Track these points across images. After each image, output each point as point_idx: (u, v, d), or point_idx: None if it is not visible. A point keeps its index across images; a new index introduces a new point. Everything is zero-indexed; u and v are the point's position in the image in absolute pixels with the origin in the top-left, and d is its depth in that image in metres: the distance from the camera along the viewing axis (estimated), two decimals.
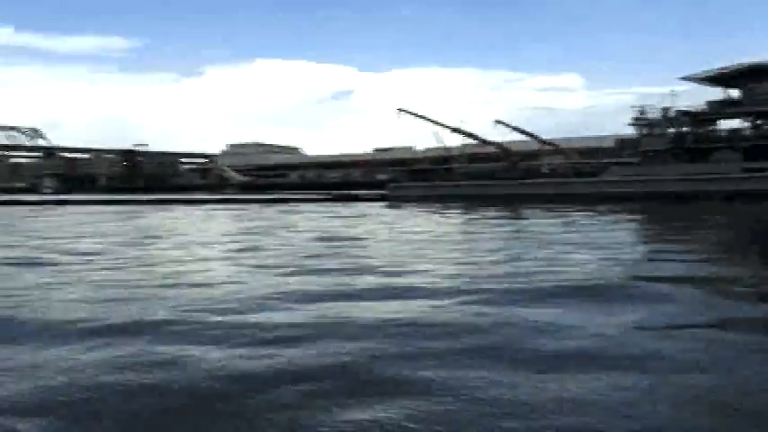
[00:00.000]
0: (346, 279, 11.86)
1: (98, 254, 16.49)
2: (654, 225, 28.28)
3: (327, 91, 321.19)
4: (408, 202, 53.83)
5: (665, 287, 10.55)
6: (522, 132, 67.71)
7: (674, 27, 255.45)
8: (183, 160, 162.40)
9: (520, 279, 11.50)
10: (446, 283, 11.12)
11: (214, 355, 6.58)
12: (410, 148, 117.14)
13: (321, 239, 20.72)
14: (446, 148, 69.13)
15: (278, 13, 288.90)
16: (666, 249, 16.56)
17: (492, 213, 33.81)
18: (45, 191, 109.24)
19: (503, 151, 66.51)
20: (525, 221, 28.59)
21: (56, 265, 14.48)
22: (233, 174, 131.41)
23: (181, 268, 13.73)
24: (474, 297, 9.67)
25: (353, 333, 7.48)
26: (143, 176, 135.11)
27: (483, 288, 10.45)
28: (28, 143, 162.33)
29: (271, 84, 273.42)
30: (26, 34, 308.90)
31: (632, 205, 40.66)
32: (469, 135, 67.06)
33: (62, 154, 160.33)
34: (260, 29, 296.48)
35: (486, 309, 8.83)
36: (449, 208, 40.38)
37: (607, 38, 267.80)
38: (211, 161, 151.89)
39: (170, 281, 11.75)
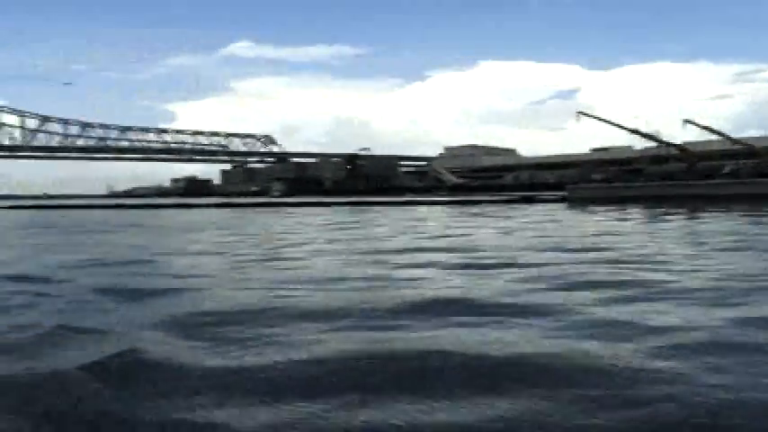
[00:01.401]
0: None
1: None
2: None
3: (551, 91, 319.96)
4: (591, 203, 54.90)
5: None
6: (713, 132, 66.80)
7: None
8: (402, 163, 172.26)
9: None
10: None
11: None
12: (629, 146, 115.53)
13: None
14: (666, 145, 68.94)
15: (501, 13, 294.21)
16: None
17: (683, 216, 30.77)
18: (273, 194, 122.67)
19: (681, 152, 65.92)
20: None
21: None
22: (449, 176, 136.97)
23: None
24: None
25: None
26: (364, 179, 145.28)
27: None
28: (262, 149, 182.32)
29: (493, 86, 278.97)
30: (263, 47, 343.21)
31: None
32: (649, 136, 66.91)
33: (293, 159, 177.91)
34: (484, 31, 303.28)
35: None
36: (630, 210, 37.25)
37: None
38: (429, 164, 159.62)
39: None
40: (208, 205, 67.62)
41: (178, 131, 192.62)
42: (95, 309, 7.95)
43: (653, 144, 68.78)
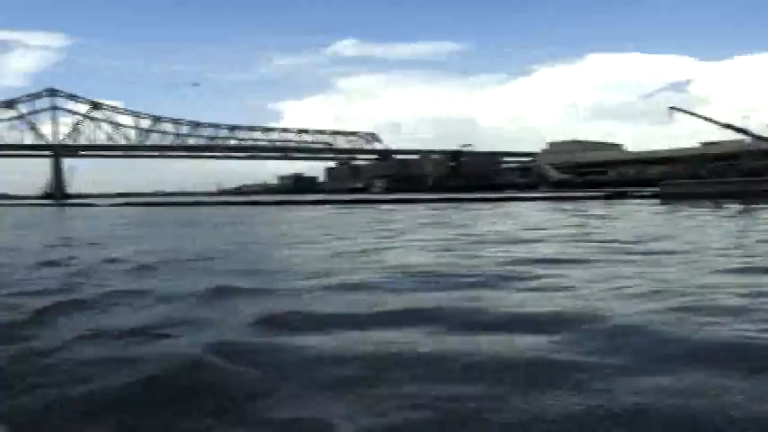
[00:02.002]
0: None
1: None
2: None
3: (661, 82, 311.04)
4: (685, 199, 54.53)
5: None
6: None
7: None
8: (505, 159, 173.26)
9: None
10: None
11: None
12: (741, 140, 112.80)
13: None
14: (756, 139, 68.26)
15: (609, 5, 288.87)
16: None
17: None
18: (375, 190, 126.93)
19: None
20: None
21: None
22: (553, 172, 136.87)
23: None
24: None
25: None
26: (466, 176, 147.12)
27: None
28: (366, 147, 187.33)
29: (601, 79, 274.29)
30: (368, 45, 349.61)
31: None
32: (743, 131, 65.96)
33: (396, 156, 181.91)
34: (591, 23, 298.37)
35: None
36: (722, 208, 34.80)
37: None
38: (533, 160, 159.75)
39: None
40: (312, 202, 71.56)
41: (284, 130, 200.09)
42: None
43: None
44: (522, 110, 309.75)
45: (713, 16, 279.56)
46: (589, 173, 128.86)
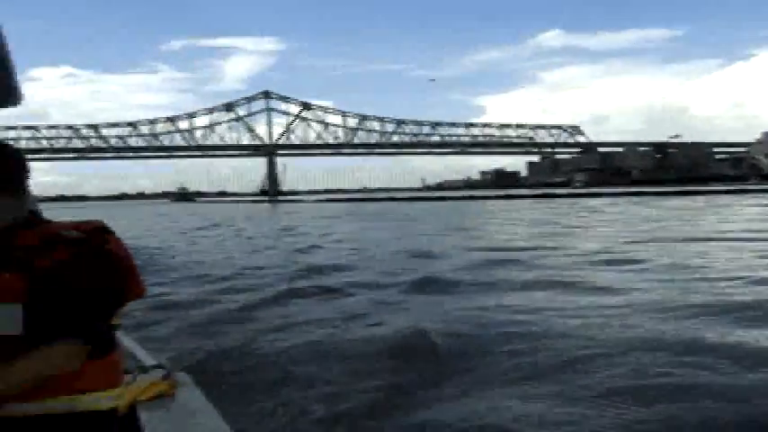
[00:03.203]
0: None
1: None
2: None
3: None
4: None
5: None
6: None
7: None
8: (715, 150, 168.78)
9: None
10: None
11: None
12: None
13: None
14: None
15: None
16: None
17: None
18: (576, 185, 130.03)
19: None
20: None
21: None
22: (766, 162, 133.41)
23: None
24: None
25: None
26: (673, 168, 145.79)
27: None
28: (568, 140, 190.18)
29: None
30: (573, 36, 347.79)
31: None
32: None
33: (599, 149, 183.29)
34: None
35: None
36: None
37: None
38: (747, 151, 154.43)
39: None
40: (508, 196, 77.36)
41: (485, 125, 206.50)
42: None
43: None
44: (742, 96, 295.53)
45: None
46: None
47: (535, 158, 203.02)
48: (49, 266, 1.70)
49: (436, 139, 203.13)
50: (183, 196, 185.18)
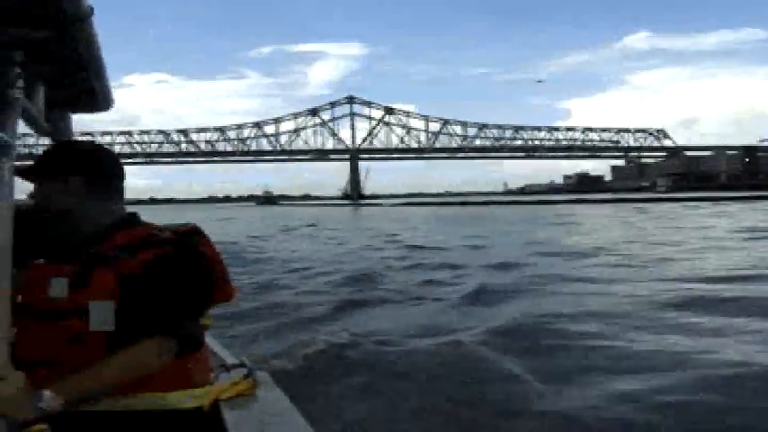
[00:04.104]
0: None
1: None
2: None
3: None
4: None
5: None
6: None
7: None
8: None
9: None
10: None
11: None
12: None
13: None
14: None
15: None
16: None
17: None
18: (658, 189, 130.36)
19: None
20: None
21: None
22: None
23: None
24: None
25: None
26: (763, 174, 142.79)
27: None
28: (654, 144, 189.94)
29: None
30: (662, 38, 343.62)
31: None
32: None
33: (686, 153, 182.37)
34: None
35: None
36: None
37: None
38: None
39: None
40: (587, 201, 78.07)
41: (569, 129, 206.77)
42: None
43: None
44: None
45: None
46: None
47: (620, 162, 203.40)
48: (141, 266, 1.82)
49: (519, 142, 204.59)
50: (268, 200, 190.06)
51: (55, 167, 1.96)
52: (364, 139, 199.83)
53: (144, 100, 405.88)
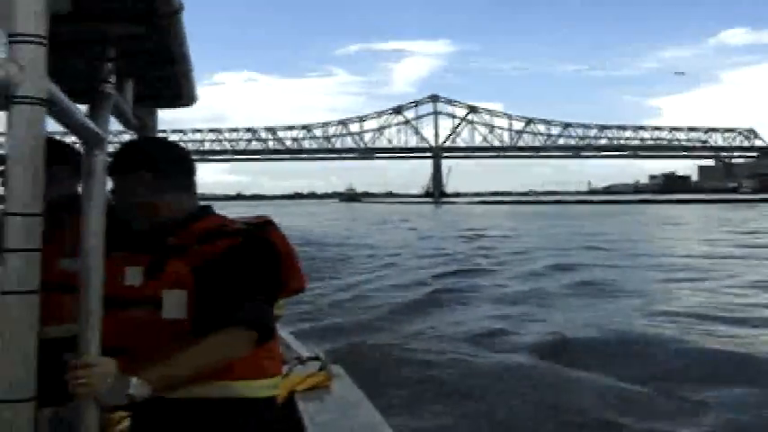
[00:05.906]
0: None
1: None
2: None
3: None
4: None
5: None
6: None
7: None
8: None
9: None
10: None
11: None
12: None
13: None
14: None
15: None
16: None
17: None
18: (743, 190, 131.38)
19: None
20: None
21: None
22: None
23: None
24: None
25: None
26: None
27: None
28: (743, 143, 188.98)
29: None
30: (761, 32, 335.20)
31: None
32: None
33: None
34: None
35: None
36: None
37: None
38: None
39: None
40: (671, 201, 79.46)
41: (656, 128, 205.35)
42: None
43: None
44: None
45: None
46: None
47: (709, 162, 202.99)
48: (213, 256, 1.88)
49: (603, 141, 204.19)
50: (351, 197, 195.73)
51: (128, 163, 2.02)
52: (447, 138, 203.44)
53: (233, 98, 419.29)
